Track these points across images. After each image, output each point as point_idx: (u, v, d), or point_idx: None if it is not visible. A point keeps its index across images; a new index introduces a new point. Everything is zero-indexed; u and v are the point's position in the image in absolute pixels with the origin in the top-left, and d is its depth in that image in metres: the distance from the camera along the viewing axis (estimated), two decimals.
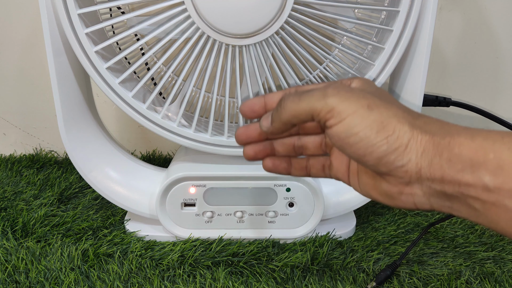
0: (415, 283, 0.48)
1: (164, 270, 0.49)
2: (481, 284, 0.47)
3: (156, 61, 0.51)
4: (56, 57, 0.46)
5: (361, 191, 0.34)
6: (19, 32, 0.70)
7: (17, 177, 0.67)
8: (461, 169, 0.26)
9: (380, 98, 0.30)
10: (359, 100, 0.29)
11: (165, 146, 0.77)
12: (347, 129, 0.29)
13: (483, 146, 0.26)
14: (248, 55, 0.45)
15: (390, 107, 0.29)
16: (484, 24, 0.67)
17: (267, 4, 0.41)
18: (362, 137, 0.28)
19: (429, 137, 0.28)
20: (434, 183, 0.28)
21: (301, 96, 0.31)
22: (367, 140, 0.28)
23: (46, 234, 0.53)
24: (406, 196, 0.30)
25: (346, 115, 0.29)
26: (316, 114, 0.30)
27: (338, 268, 0.49)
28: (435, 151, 0.27)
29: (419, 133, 0.28)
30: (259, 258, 0.50)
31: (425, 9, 0.45)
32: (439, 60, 0.69)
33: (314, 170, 0.37)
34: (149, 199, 0.53)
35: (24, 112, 0.75)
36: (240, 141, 0.36)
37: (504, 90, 0.70)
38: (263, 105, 0.36)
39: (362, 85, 0.34)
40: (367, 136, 0.28)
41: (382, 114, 0.29)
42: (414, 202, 0.30)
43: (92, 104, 0.53)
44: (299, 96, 0.31)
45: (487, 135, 0.26)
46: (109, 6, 0.43)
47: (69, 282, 0.46)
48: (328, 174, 0.36)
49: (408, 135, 0.28)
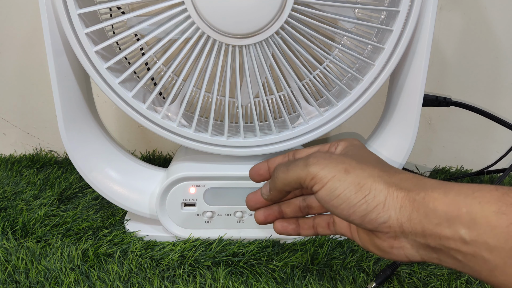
0: (415, 283, 0.48)
1: (164, 270, 0.49)
2: (481, 284, 0.47)
3: (156, 61, 0.51)
4: (56, 57, 0.46)
5: (362, 245, 0.36)
6: (19, 32, 0.70)
7: (17, 177, 0.67)
8: (438, 223, 0.28)
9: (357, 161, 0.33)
10: (337, 166, 0.32)
11: (165, 146, 0.77)
12: (329, 192, 0.32)
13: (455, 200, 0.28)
14: (248, 55, 0.45)
15: (366, 168, 0.32)
16: (484, 24, 0.67)
17: (267, 4, 0.41)
18: (343, 198, 0.31)
19: (404, 193, 0.30)
20: (417, 236, 0.30)
21: (289, 166, 0.35)
22: (348, 201, 0.31)
23: (46, 234, 0.53)
24: (397, 250, 0.31)
25: (326, 180, 0.32)
26: (302, 181, 0.34)
27: (338, 268, 0.49)
28: (411, 206, 0.29)
29: (394, 190, 0.30)
30: (259, 258, 0.50)
31: (425, 9, 0.45)
32: (439, 60, 0.69)
33: (320, 228, 0.40)
34: (149, 199, 0.53)
35: (24, 112, 0.75)
36: (250, 206, 0.41)
37: (504, 90, 0.70)
38: (267, 169, 0.41)
39: (345, 148, 0.37)
40: (347, 197, 0.31)
41: (358, 176, 0.31)
42: (405, 255, 0.31)
43: (92, 104, 0.53)
44: (287, 166, 0.35)
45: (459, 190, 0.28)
46: (109, 6, 0.43)
47: (69, 282, 0.46)
48: (334, 230, 0.39)
49: (384, 193, 0.30)
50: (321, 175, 0.32)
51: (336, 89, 0.55)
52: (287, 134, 0.49)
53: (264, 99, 0.47)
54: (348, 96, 0.48)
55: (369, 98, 0.47)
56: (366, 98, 0.47)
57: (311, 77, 0.50)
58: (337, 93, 0.52)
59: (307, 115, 0.50)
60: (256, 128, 0.49)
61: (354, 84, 0.48)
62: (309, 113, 0.50)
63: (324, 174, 0.32)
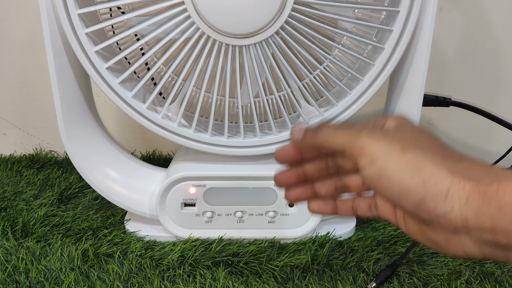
0: (415, 283, 0.48)
1: (164, 270, 0.49)
2: (481, 284, 0.47)
3: (156, 61, 0.51)
4: (56, 57, 0.46)
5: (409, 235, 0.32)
6: (19, 32, 0.70)
7: (17, 177, 0.67)
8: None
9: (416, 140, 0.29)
10: (393, 142, 0.28)
11: (165, 146, 0.77)
12: (379, 171, 0.28)
13: None
14: (248, 55, 0.45)
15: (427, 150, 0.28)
16: (484, 24, 0.67)
17: (267, 4, 0.41)
18: (396, 180, 0.27)
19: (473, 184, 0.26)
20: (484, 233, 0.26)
21: (337, 128, 0.31)
22: (402, 184, 0.27)
23: (46, 234, 0.53)
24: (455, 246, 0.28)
25: (377, 155, 0.28)
26: (347, 149, 0.29)
27: (338, 268, 0.49)
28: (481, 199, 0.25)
29: (460, 179, 0.26)
30: (259, 258, 0.50)
31: (425, 9, 0.45)
32: (439, 60, 0.69)
33: (360, 211, 0.36)
34: (149, 199, 0.53)
35: (24, 112, 0.75)
36: (279, 184, 0.37)
37: (504, 90, 0.70)
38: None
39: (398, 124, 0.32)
40: (401, 180, 0.27)
41: (417, 157, 0.27)
42: (464, 251, 0.28)
43: (92, 104, 0.53)
44: (336, 128, 0.31)
45: None
46: (109, 6, 0.43)
47: (69, 282, 0.46)
48: (376, 213, 0.35)
49: (447, 181, 0.26)
50: (371, 149, 0.28)
51: (336, 89, 0.55)
52: (287, 134, 0.49)
53: (264, 99, 0.47)
54: (348, 96, 0.48)
55: (369, 98, 0.47)
56: (366, 98, 0.47)
57: (311, 77, 0.50)
58: (337, 93, 0.52)
59: (307, 115, 0.50)
60: (256, 128, 0.49)
61: (354, 84, 0.48)
62: (309, 113, 0.50)
63: (376, 148, 0.28)
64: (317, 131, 0.32)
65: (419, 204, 0.27)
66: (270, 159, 0.52)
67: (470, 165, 0.27)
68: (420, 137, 0.30)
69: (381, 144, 0.28)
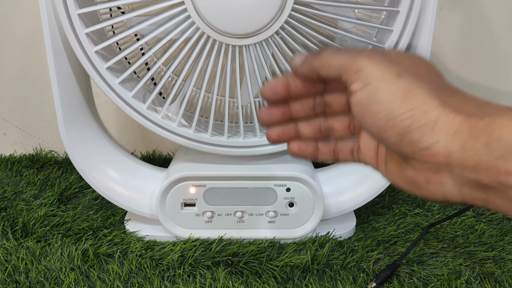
0: (415, 283, 0.48)
1: (164, 270, 0.49)
2: (481, 284, 0.47)
3: (156, 61, 0.51)
4: (56, 57, 0.46)
5: (388, 178, 0.31)
6: (19, 32, 0.70)
7: (17, 177, 0.67)
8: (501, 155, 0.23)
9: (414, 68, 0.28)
10: (391, 66, 0.27)
11: (165, 146, 0.77)
12: (370, 94, 0.27)
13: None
14: (248, 55, 0.45)
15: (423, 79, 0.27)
16: (484, 24, 0.67)
17: (267, 4, 0.41)
18: (385, 105, 0.26)
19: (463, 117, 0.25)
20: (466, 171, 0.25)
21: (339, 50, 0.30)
22: (390, 109, 0.26)
23: (46, 234, 0.53)
24: (434, 185, 0.27)
25: (372, 78, 0.27)
26: (344, 71, 0.28)
27: (338, 268, 0.49)
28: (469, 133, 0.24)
29: (451, 111, 0.25)
30: (259, 258, 0.50)
31: (425, 9, 0.45)
32: (439, 60, 0.69)
33: (342, 155, 0.34)
34: (149, 199, 0.53)
35: (24, 112, 0.75)
36: (262, 121, 0.34)
37: (504, 90, 0.70)
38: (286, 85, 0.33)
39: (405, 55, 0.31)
40: (390, 105, 0.26)
41: (411, 84, 0.26)
42: (443, 193, 0.27)
43: (92, 104, 0.53)
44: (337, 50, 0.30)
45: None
46: (109, 6, 0.43)
47: (69, 282, 0.46)
48: (357, 158, 0.34)
49: (437, 111, 0.25)
50: (367, 71, 0.27)
51: None
52: None
53: None
54: None
55: None
56: None
57: None
58: None
59: None
60: (256, 128, 0.49)
61: None
62: None
63: (372, 70, 0.27)
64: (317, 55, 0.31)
65: (404, 134, 0.26)
66: (270, 159, 0.52)
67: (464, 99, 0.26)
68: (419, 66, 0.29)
69: (378, 67, 0.27)
